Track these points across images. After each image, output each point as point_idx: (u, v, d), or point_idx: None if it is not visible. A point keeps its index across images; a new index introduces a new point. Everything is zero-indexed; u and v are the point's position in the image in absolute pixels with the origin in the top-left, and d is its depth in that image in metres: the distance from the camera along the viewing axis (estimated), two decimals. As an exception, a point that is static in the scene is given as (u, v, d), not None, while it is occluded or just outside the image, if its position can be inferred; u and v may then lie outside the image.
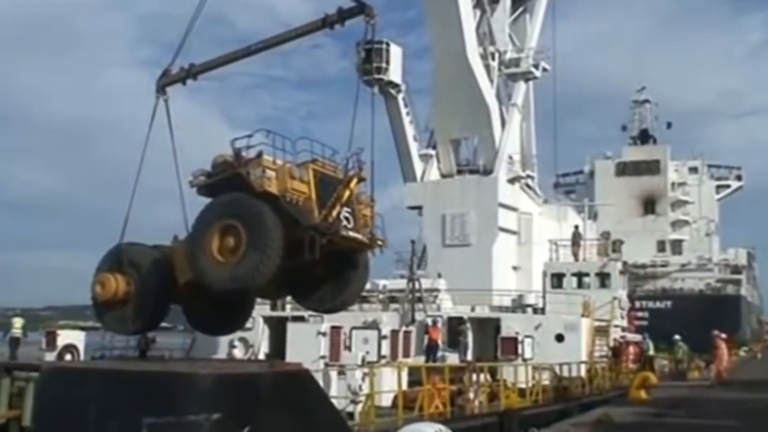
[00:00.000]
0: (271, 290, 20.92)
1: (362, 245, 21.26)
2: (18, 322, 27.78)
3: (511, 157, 40.95)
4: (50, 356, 22.07)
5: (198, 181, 20.66)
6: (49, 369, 13.76)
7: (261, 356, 24.39)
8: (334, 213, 20.19)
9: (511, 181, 40.56)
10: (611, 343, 34.91)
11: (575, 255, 39.37)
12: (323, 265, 20.07)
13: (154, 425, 12.11)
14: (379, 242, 22.25)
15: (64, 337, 23.00)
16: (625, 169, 78.13)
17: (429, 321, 29.57)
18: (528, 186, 42.79)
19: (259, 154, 19.68)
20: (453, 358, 28.95)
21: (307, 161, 20.60)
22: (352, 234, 20.29)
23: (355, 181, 21.24)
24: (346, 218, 20.81)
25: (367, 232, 21.41)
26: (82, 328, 25.71)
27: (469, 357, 28.95)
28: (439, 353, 28.93)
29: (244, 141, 20.37)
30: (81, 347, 23.16)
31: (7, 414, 12.78)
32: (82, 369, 15.54)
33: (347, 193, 20.94)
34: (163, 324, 22.33)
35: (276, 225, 18.76)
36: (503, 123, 41.34)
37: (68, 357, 22.41)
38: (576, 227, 41.31)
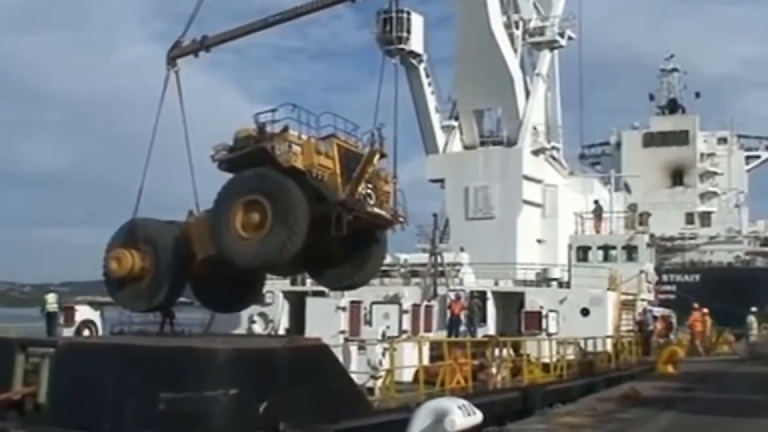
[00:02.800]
0: (285, 267, 20.65)
1: (386, 221, 21.01)
2: (52, 298, 27.94)
3: (535, 128, 40.30)
4: (68, 332, 22.06)
5: (220, 155, 20.37)
6: (65, 345, 13.68)
7: (281, 331, 24.21)
8: (359, 189, 19.95)
9: (536, 152, 39.97)
10: (637, 317, 34.49)
11: (597, 229, 38.88)
12: (341, 242, 19.80)
13: (172, 401, 12.00)
14: (401, 218, 22.01)
15: (82, 312, 22.97)
16: (652, 140, 76.99)
17: (451, 295, 29.27)
18: (553, 157, 42.16)
19: (285, 129, 19.38)
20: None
21: (330, 136, 20.31)
22: (377, 210, 20.01)
23: (377, 156, 20.97)
24: (368, 195, 20.59)
25: (389, 209, 21.17)
26: (100, 304, 25.63)
27: (491, 332, 28.67)
28: (462, 328, 28.69)
29: (268, 115, 20.15)
30: (98, 323, 23.13)
31: (22, 390, 12.70)
32: (98, 345, 15.48)
33: (371, 169, 20.70)
34: (182, 299, 22.17)
35: (302, 201, 18.47)
36: (527, 93, 40.67)
37: (86, 333, 22.40)
38: (596, 201, 40.72)
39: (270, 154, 18.66)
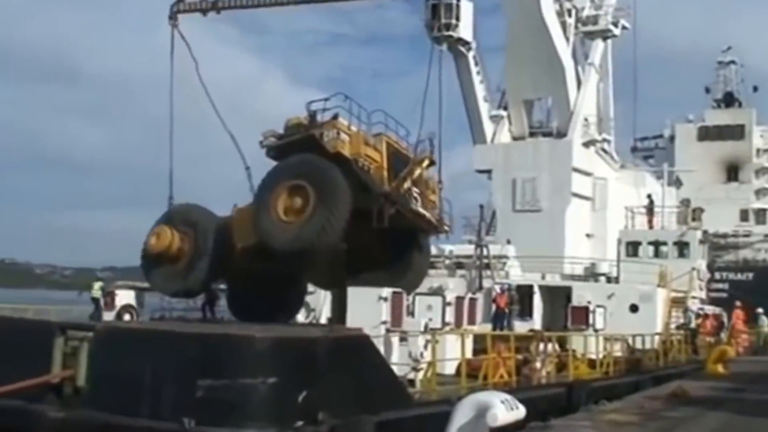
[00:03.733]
0: (326, 276, 20.61)
1: (429, 225, 20.80)
2: (97, 285, 28.42)
3: (586, 120, 39.65)
4: (108, 316, 22.17)
5: (268, 141, 20.32)
6: (104, 329, 13.65)
7: (323, 321, 24.08)
8: (405, 185, 19.74)
9: (586, 144, 39.33)
10: (689, 316, 33.78)
11: (649, 224, 38.21)
12: (383, 245, 19.61)
13: (210, 388, 11.90)
14: (446, 226, 21.80)
15: (123, 297, 23.06)
16: (707, 134, 75.33)
17: (497, 288, 28.92)
18: (604, 150, 41.44)
19: (335, 116, 19.27)
20: (521, 327, 28.33)
21: (380, 134, 20.16)
22: (421, 210, 19.80)
23: (426, 162, 20.79)
24: (415, 198, 20.42)
25: (435, 215, 20.94)
26: (141, 289, 25.76)
27: (537, 326, 28.30)
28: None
29: (321, 104, 20.04)
30: (139, 308, 23.21)
31: (61, 374, 12.69)
32: (137, 330, 15.45)
33: (418, 171, 20.51)
34: (224, 286, 22.14)
35: (345, 187, 18.29)
36: (579, 83, 40.04)
37: (126, 317, 22.50)
38: (649, 195, 40.01)
39: (318, 142, 18.56)
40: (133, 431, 12.04)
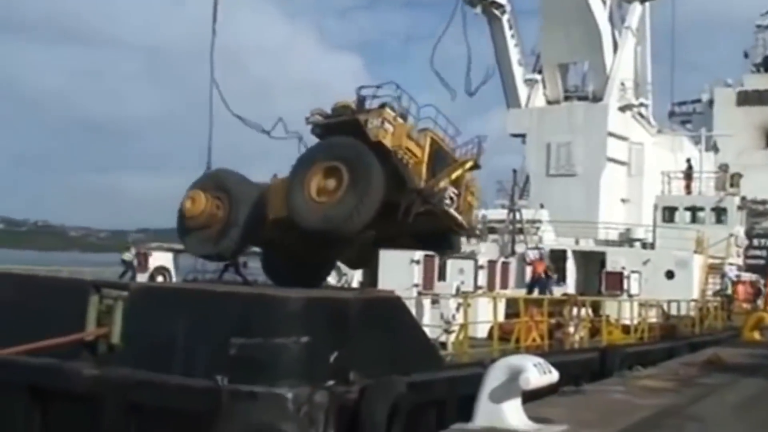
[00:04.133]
0: (354, 257, 20.73)
1: (460, 227, 20.83)
2: (131, 251, 28.58)
3: (623, 84, 39.04)
4: (142, 277, 22.33)
5: (314, 119, 20.46)
6: (139, 288, 13.77)
7: (354, 284, 24.16)
8: (441, 184, 19.75)
9: (623, 108, 38.75)
10: (726, 282, 33.41)
11: (687, 190, 37.73)
12: (413, 242, 19.64)
13: (243, 346, 11.98)
14: (477, 232, 21.78)
15: (156, 258, 23.17)
16: (746, 98, 73.84)
17: (530, 254, 28.73)
18: (641, 114, 40.86)
19: (382, 105, 19.31)
20: (554, 292, 28.18)
21: (427, 129, 20.19)
22: (452, 212, 19.83)
23: (470, 164, 20.74)
24: (451, 198, 20.45)
25: (468, 219, 20.95)
26: (174, 251, 25.87)
27: (571, 291, 28.14)
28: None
29: (371, 90, 20.11)
30: (172, 269, 23.34)
31: (96, 331, 12.82)
32: (171, 289, 15.60)
33: (460, 172, 20.49)
34: (255, 249, 22.24)
35: (380, 177, 18.42)
36: (616, 47, 39.40)
37: (160, 279, 22.65)
38: (688, 160, 39.47)
39: (361, 128, 18.67)
40: (167, 388, 12.16)
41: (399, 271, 18.46)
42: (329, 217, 17.87)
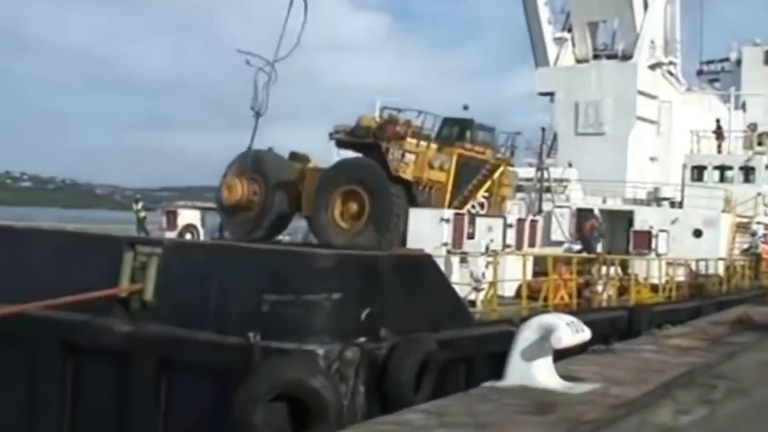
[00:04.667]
0: None
1: None
2: (138, 206, 28.52)
3: (652, 42, 38.45)
4: (170, 235, 22.49)
5: (338, 136, 20.76)
6: (172, 244, 13.85)
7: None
8: (468, 206, 19.97)
9: (652, 67, 38.19)
10: (755, 241, 33.12)
11: (719, 149, 37.34)
12: None
13: (275, 303, 12.05)
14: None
15: (185, 216, 23.31)
16: (775, 58, 72.72)
17: (557, 212, 28.61)
18: (670, 73, 40.29)
19: (403, 137, 19.46)
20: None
21: (453, 145, 20.28)
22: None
23: (501, 168, 20.76)
24: (481, 204, 20.61)
25: (502, 209, 21.06)
26: (201, 209, 25.98)
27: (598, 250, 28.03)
28: (567, 245, 28.12)
29: (394, 113, 20.27)
30: (200, 227, 23.49)
31: (129, 288, 12.92)
32: (205, 245, 15.72)
33: (489, 183, 20.59)
34: None
35: (403, 209, 18.78)
36: (646, 5, 38.73)
37: (188, 236, 22.82)
38: (718, 120, 38.99)
39: (383, 155, 19.00)
40: (199, 344, 12.28)
41: (428, 229, 18.50)
42: (353, 247, 18.47)
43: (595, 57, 39.22)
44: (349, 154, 21.62)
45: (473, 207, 20.60)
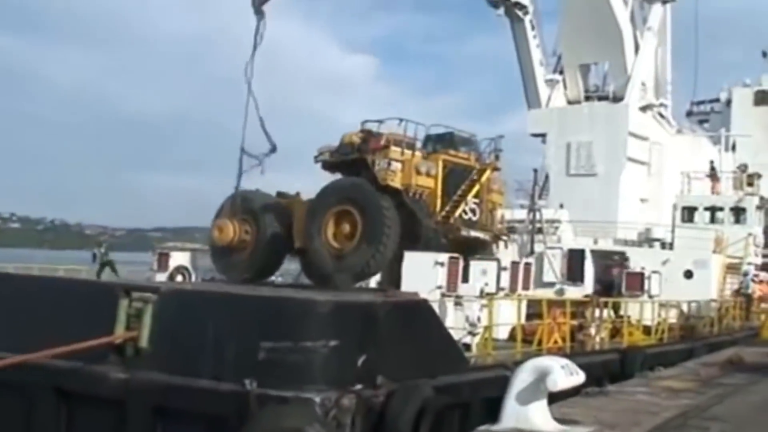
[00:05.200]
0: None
1: (484, 244, 21.07)
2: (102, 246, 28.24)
3: (643, 84, 38.90)
4: (161, 277, 22.41)
5: (323, 157, 20.86)
6: (168, 291, 13.85)
7: (371, 284, 24.31)
8: (459, 210, 20.04)
9: (643, 109, 38.58)
10: (746, 281, 33.24)
11: (713, 190, 37.63)
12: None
13: (272, 349, 12.06)
14: (504, 237, 22.08)
15: (176, 258, 23.27)
16: (764, 98, 73.32)
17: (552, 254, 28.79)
18: (661, 115, 40.68)
19: (386, 146, 19.58)
20: (572, 291, 28.19)
21: (438, 152, 20.43)
22: (473, 233, 20.08)
23: (488, 172, 20.88)
24: (472, 210, 20.70)
25: (494, 222, 21.14)
26: (193, 250, 25.94)
27: (589, 291, 28.15)
28: (559, 286, 28.23)
29: (375, 125, 20.38)
30: (191, 268, 23.42)
31: (124, 335, 12.90)
32: (201, 291, 15.70)
33: (477, 187, 20.70)
34: None
35: (394, 220, 18.85)
36: (636, 47, 39.22)
37: (179, 278, 22.76)
38: (712, 162, 39.36)
39: (369, 168, 19.09)
40: (195, 392, 12.25)
41: (423, 272, 18.53)
42: (346, 267, 18.51)
43: (587, 99, 39.59)
44: (337, 176, 21.69)
45: (465, 213, 20.50)
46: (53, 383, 13.30)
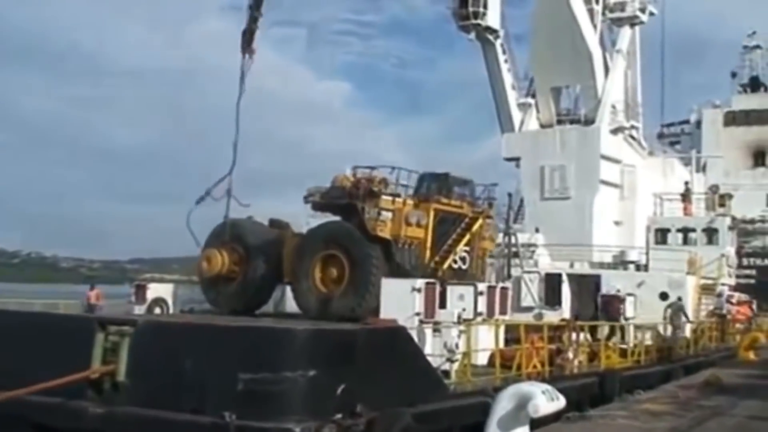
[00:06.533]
0: None
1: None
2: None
3: (614, 107, 39.16)
4: (139, 309, 22.21)
5: (313, 198, 20.87)
6: (145, 324, 13.78)
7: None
8: (448, 261, 20.18)
9: (614, 131, 38.86)
10: (721, 302, 33.48)
11: (687, 212, 37.96)
12: None
13: (251, 381, 12.00)
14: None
15: (154, 290, 23.09)
16: (734, 119, 74.45)
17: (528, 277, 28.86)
18: (632, 137, 41.04)
19: (377, 194, 19.68)
20: (550, 316, 28.27)
21: (430, 200, 20.57)
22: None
23: (480, 221, 21.04)
24: (462, 258, 20.80)
25: (484, 276, 21.26)
26: (171, 281, 25.76)
27: (566, 315, 28.28)
28: (537, 310, 28.33)
29: (366, 171, 20.49)
30: (170, 301, 23.22)
31: (101, 369, 12.79)
32: (178, 324, 15.62)
33: (468, 236, 20.84)
34: None
35: (381, 269, 18.91)
36: (607, 70, 39.60)
37: (157, 310, 22.57)
38: (686, 183, 39.75)
39: (359, 215, 19.19)
40: (174, 426, 12.16)
41: (400, 299, 18.50)
42: (333, 311, 18.55)
43: (559, 122, 39.78)
44: (326, 216, 21.72)
45: (455, 262, 20.61)
46: (32, 419, 13.17)
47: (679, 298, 29.59)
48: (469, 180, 22.76)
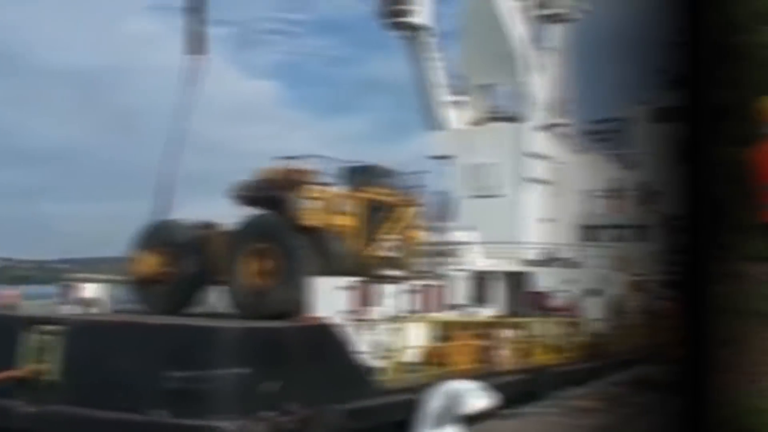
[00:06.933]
0: None
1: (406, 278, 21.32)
2: None
3: (545, 104, 39.61)
4: (71, 309, 21.85)
5: (240, 192, 20.70)
6: (77, 322, 13.64)
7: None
8: (379, 250, 20.19)
9: (545, 128, 39.27)
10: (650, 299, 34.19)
11: (618, 209, 38.51)
12: None
13: (181, 379, 11.99)
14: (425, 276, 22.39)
15: (85, 289, 22.72)
16: (663, 115, 75.74)
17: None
18: (563, 134, 41.52)
19: (306, 184, 19.63)
20: (480, 313, 28.55)
21: (359, 188, 20.56)
22: (391, 274, 20.33)
23: (412, 211, 21.10)
24: (393, 247, 20.83)
25: (413, 252, 21.39)
26: (102, 281, 25.40)
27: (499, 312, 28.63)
28: (468, 308, 28.63)
29: (295, 162, 20.36)
30: (103, 300, 22.88)
31: (32, 368, 12.64)
32: (110, 322, 15.48)
33: (399, 224, 20.91)
34: None
35: (311, 260, 18.84)
36: (537, 68, 39.98)
37: (89, 310, 22.21)
38: (616, 180, 40.29)
39: (287, 207, 19.12)
40: (107, 424, 12.11)
41: (332, 296, 18.53)
42: (265, 306, 18.47)
43: (489, 120, 39.98)
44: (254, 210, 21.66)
45: (386, 250, 20.69)
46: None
47: (610, 295, 30.17)
48: (398, 170, 22.88)
